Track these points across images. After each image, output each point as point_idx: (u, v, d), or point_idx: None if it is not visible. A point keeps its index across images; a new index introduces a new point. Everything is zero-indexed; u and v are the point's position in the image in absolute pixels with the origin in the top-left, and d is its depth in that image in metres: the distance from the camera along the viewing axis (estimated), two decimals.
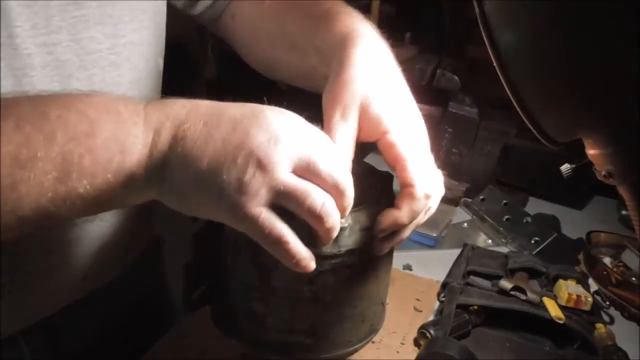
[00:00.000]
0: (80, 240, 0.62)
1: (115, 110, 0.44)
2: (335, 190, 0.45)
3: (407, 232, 0.54)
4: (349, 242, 0.51)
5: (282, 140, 0.43)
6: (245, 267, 0.53)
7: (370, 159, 0.64)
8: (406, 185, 0.52)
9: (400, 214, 0.51)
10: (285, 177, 0.43)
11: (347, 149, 0.52)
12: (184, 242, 0.47)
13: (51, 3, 0.51)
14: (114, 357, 0.70)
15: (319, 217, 0.45)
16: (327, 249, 0.50)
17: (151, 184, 0.45)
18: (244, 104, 0.46)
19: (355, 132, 0.53)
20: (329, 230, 0.46)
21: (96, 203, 0.44)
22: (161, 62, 0.69)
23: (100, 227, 0.63)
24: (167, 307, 0.84)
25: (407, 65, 1.10)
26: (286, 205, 0.44)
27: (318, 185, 0.45)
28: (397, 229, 0.52)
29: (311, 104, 0.56)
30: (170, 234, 0.84)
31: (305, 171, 0.44)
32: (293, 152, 0.44)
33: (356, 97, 0.53)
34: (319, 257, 0.50)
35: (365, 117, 0.53)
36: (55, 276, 0.61)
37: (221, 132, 0.43)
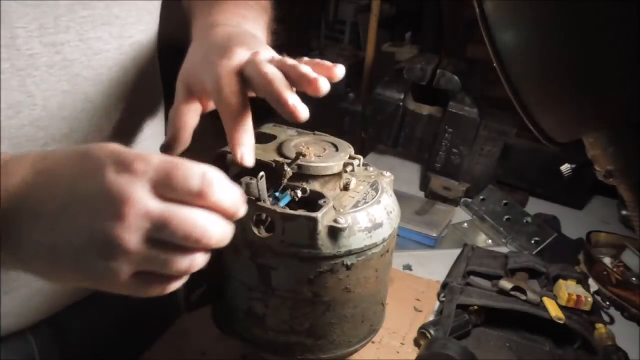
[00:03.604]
0: None
1: None
2: (197, 245, 0.40)
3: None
4: (348, 242, 0.51)
5: (126, 211, 0.37)
6: (245, 267, 0.53)
7: (370, 159, 0.64)
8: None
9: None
10: (139, 253, 0.38)
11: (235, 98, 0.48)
12: None
13: (59, 3, 0.52)
14: (119, 355, 0.71)
15: (181, 275, 0.41)
16: (327, 250, 0.50)
17: None
18: (80, 157, 0.40)
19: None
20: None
21: None
22: (157, 62, 0.69)
23: None
24: (172, 306, 0.84)
25: (407, 65, 1.09)
26: (148, 270, 0.39)
27: (177, 245, 0.39)
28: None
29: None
30: None
31: (160, 238, 0.39)
32: (141, 221, 0.38)
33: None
34: (319, 258, 0.50)
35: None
36: None
37: (65, 217, 0.38)
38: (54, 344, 0.67)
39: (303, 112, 0.46)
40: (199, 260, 0.40)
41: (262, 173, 0.50)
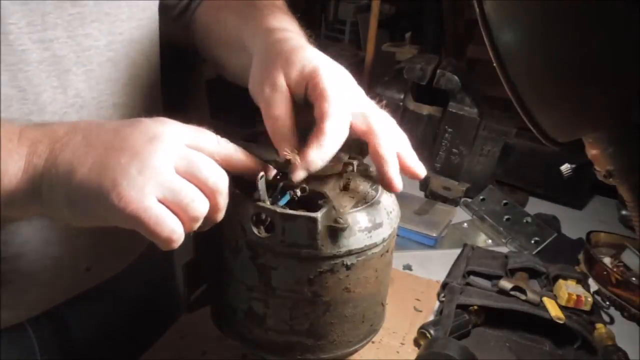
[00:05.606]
0: (80, 232, 0.62)
1: None
2: (212, 195, 0.45)
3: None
4: (348, 242, 0.51)
5: (162, 139, 0.44)
6: (245, 267, 0.53)
7: (369, 159, 0.64)
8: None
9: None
10: (168, 175, 0.43)
11: (285, 117, 0.51)
12: (184, 242, 0.47)
13: (46, 3, 0.53)
14: (120, 351, 0.71)
15: (194, 219, 0.45)
16: (327, 250, 0.50)
17: (29, 198, 0.46)
18: (117, 123, 0.47)
19: (287, 97, 0.52)
20: (192, 221, 0.45)
21: None
22: (158, 59, 0.69)
23: None
24: (173, 303, 0.85)
25: (407, 65, 1.09)
26: (168, 203, 0.43)
27: (197, 186, 0.44)
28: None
29: None
30: None
31: (186, 173, 0.44)
32: (174, 151, 0.44)
33: (279, 65, 0.52)
34: (319, 258, 0.50)
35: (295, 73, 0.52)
36: (57, 266, 0.62)
37: (101, 140, 0.44)
38: (54, 339, 0.67)
39: (398, 185, 0.53)
40: (205, 208, 0.45)
41: (262, 173, 0.50)
